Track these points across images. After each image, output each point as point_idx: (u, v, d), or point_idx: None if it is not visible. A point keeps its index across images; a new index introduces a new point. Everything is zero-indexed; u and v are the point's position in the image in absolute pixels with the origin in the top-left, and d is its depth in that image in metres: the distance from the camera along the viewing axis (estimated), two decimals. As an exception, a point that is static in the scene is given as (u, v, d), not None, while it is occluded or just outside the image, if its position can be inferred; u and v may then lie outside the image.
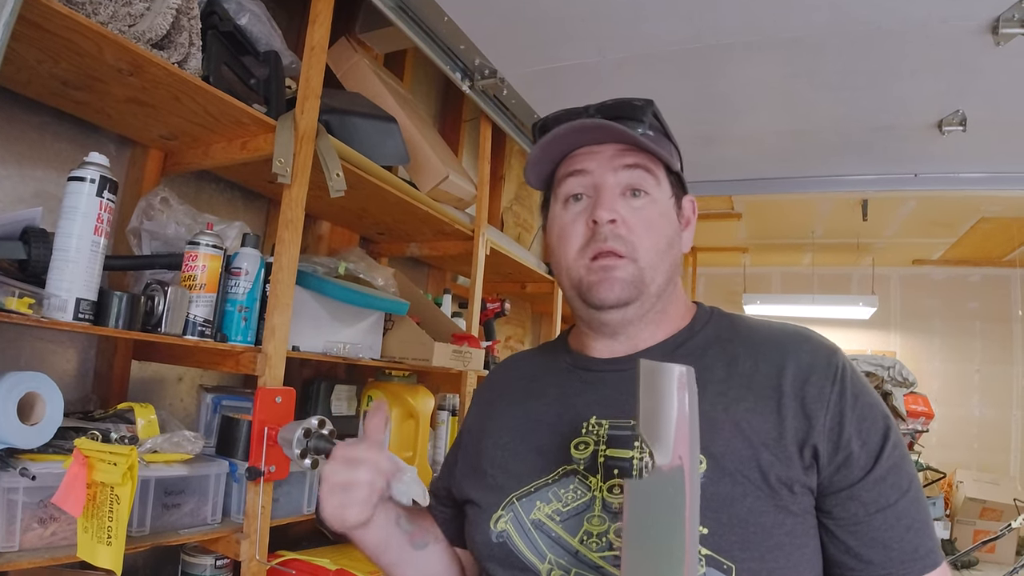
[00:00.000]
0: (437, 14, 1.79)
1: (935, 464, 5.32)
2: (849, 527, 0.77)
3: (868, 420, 0.80)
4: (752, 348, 0.87)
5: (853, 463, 0.77)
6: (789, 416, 0.79)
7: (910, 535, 0.76)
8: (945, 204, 4.55)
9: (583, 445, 0.87)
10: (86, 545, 1.08)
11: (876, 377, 4.69)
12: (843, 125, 2.33)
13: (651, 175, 0.89)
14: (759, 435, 0.78)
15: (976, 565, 4.86)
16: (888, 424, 0.81)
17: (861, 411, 0.80)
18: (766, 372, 0.84)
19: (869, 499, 0.77)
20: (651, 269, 0.88)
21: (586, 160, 0.90)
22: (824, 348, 0.86)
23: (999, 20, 1.59)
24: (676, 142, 0.98)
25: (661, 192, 0.91)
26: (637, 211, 0.88)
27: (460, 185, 2.13)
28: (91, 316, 1.11)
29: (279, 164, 1.41)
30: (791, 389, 0.81)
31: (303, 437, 1.38)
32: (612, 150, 0.89)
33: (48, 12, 1.00)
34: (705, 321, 0.95)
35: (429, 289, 2.90)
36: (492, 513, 0.89)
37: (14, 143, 1.37)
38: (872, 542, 0.76)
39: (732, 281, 6.84)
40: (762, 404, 0.81)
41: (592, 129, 0.88)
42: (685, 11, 1.69)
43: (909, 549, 0.76)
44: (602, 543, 0.79)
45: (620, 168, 0.88)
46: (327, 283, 1.64)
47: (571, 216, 0.91)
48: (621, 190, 0.89)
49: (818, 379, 0.81)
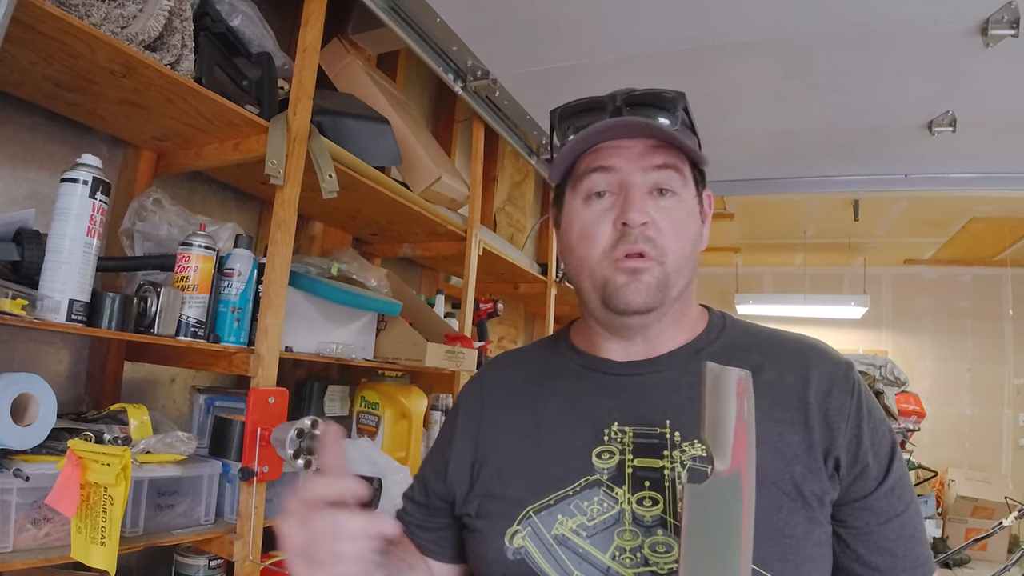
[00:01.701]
0: (429, 15, 1.80)
1: (927, 463, 5.35)
2: (861, 536, 0.79)
3: (879, 433, 0.81)
4: (775, 359, 0.86)
5: (868, 474, 0.79)
6: (816, 428, 0.79)
7: (913, 544, 0.79)
8: (936, 204, 4.58)
9: (607, 454, 0.82)
10: (80, 546, 1.08)
11: (868, 376, 4.70)
12: (834, 126, 2.35)
13: (680, 174, 0.85)
14: (790, 447, 0.78)
15: (968, 563, 4.89)
16: (894, 438, 0.83)
17: (874, 425, 0.81)
18: (791, 384, 0.83)
19: (880, 509, 0.79)
20: (676, 273, 0.84)
21: (613, 156, 0.84)
22: (842, 363, 0.86)
23: (988, 22, 1.61)
24: (699, 135, 0.95)
25: (688, 191, 0.87)
26: (665, 211, 0.83)
27: (453, 186, 2.14)
28: (84, 317, 1.11)
29: (271, 165, 1.41)
30: (815, 401, 0.81)
31: (296, 437, 1.38)
32: (642, 146, 0.84)
33: (41, 14, 1.00)
34: (720, 327, 0.92)
35: (422, 290, 2.91)
36: (506, 528, 0.82)
37: (7, 144, 1.37)
38: (880, 550, 0.78)
39: (724, 281, 6.86)
40: (790, 415, 0.80)
41: (625, 125, 0.83)
42: (678, 13, 1.70)
43: (912, 557, 0.78)
44: (636, 559, 0.75)
45: (650, 168, 0.83)
46: (320, 284, 1.64)
47: (594, 214, 0.85)
48: (649, 189, 0.84)
49: (839, 392, 0.81)
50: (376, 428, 1.98)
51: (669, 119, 0.86)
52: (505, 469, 0.88)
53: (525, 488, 0.84)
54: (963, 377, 6.15)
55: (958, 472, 5.62)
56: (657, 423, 0.82)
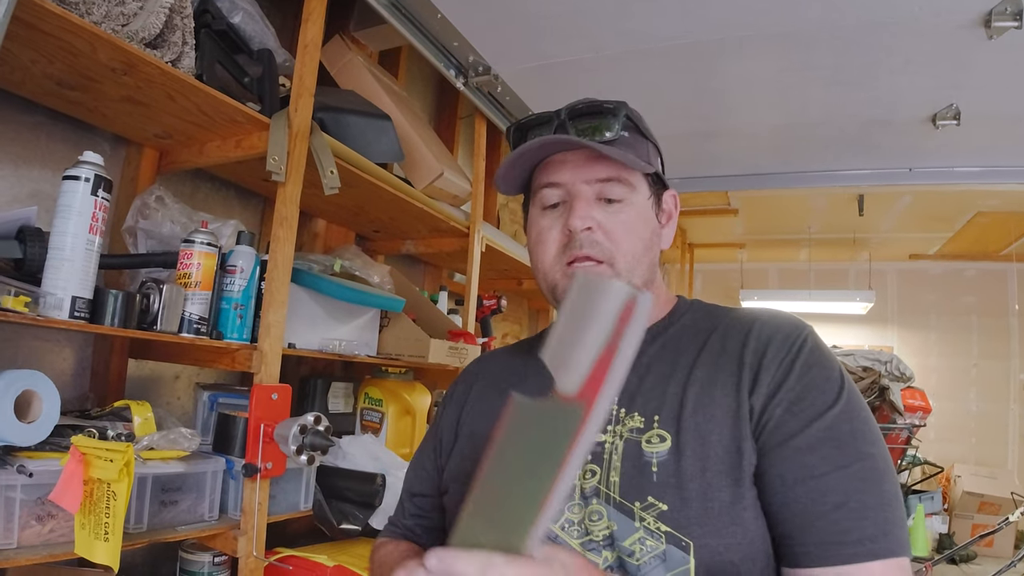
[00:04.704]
0: (431, 11, 1.80)
1: (933, 458, 5.34)
2: (771, 494, 0.74)
3: (814, 390, 0.77)
4: (723, 331, 0.87)
5: (776, 427, 0.75)
6: (745, 386, 0.79)
7: (840, 514, 0.70)
8: (941, 198, 4.55)
9: None
10: (84, 541, 1.09)
11: (873, 372, 4.69)
12: (837, 120, 2.34)
13: (624, 184, 0.88)
14: (720, 409, 0.78)
15: (974, 559, 4.87)
16: (836, 400, 0.76)
17: (809, 380, 0.78)
18: (731, 349, 0.84)
19: (788, 468, 0.73)
20: (628, 272, 0.87)
21: (559, 171, 0.89)
22: (790, 323, 0.85)
23: (991, 13, 1.60)
24: (654, 139, 0.96)
25: (638, 196, 0.90)
26: (613, 215, 0.88)
27: (455, 182, 2.14)
28: (87, 314, 1.11)
29: (273, 162, 1.41)
30: (750, 360, 0.81)
31: (299, 434, 1.39)
32: (584, 157, 0.88)
33: (42, 12, 1.00)
34: (683, 312, 0.95)
35: (425, 286, 2.91)
36: None
37: (9, 143, 1.37)
38: (791, 515, 0.72)
39: (729, 277, 6.85)
40: (723, 378, 0.81)
41: (554, 142, 0.87)
42: (679, 7, 1.69)
43: (836, 531, 0.70)
44: (581, 530, 0.78)
45: (593, 180, 0.88)
46: (323, 280, 1.65)
47: (548, 221, 0.91)
48: (596, 196, 0.88)
49: (775, 347, 0.81)
50: (380, 424, 1.98)
51: (610, 129, 0.90)
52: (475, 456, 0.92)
53: None
54: (969, 372, 6.13)
55: (964, 468, 5.59)
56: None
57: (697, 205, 4.88)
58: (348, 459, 1.71)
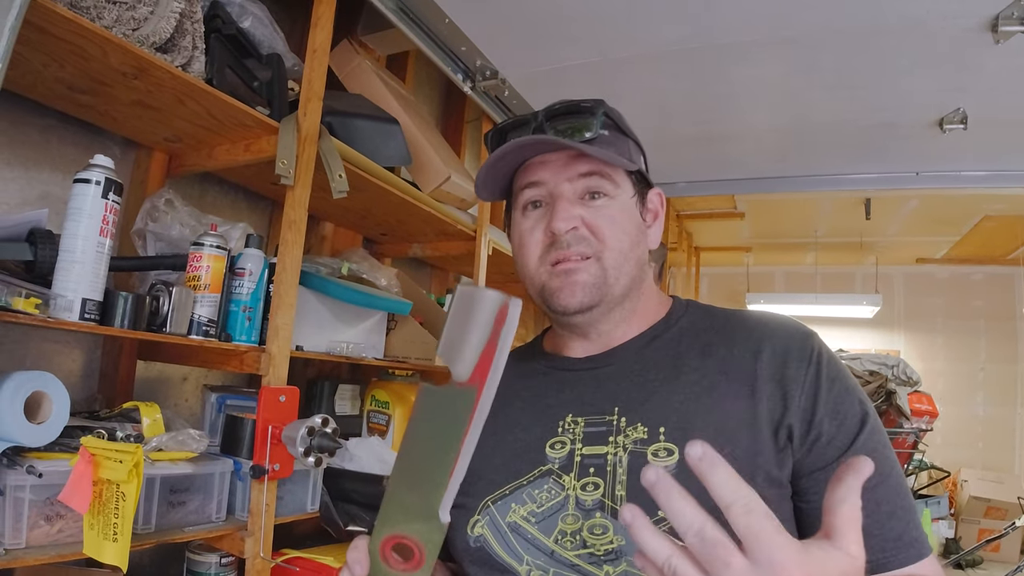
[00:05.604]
0: (438, 16, 1.81)
1: (939, 463, 5.31)
2: None
3: (845, 403, 0.79)
4: (726, 335, 0.87)
5: (827, 444, 0.77)
6: (764, 399, 0.79)
7: (893, 522, 0.74)
8: (948, 202, 4.54)
9: (559, 444, 0.86)
10: (92, 542, 1.09)
11: (880, 376, 4.67)
12: (844, 123, 2.34)
13: (607, 179, 0.88)
14: (732, 420, 0.78)
15: (981, 564, 4.85)
16: (866, 410, 0.80)
17: (838, 394, 0.79)
18: (740, 357, 0.83)
19: None
20: (615, 269, 0.87)
21: (540, 171, 0.89)
22: (800, 332, 0.86)
23: (998, 18, 1.60)
24: (635, 137, 0.95)
25: (621, 191, 0.89)
26: (598, 211, 0.87)
27: (462, 186, 2.14)
28: (97, 316, 1.12)
29: (282, 166, 1.42)
30: (767, 372, 0.81)
31: (307, 435, 1.39)
32: (565, 157, 0.88)
33: (53, 17, 1.01)
34: (681, 313, 0.94)
35: (432, 289, 2.91)
36: (469, 518, 0.87)
37: (20, 146, 1.38)
38: None
39: (735, 281, 6.84)
40: (736, 388, 0.81)
41: (534, 143, 0.86)
42: (685, 11, 1.70)
43: (892, 536, 0.74)
44: (576, 541, 0.78)
45: (576, 177, 0.87)
46: (330, 283, 1.65)
47: (530, 223, 0.90)
48: (579, 194, 0.87)
49: (795, 361, 0.81)
50: (386, 427, 1.98)
51: (589, 128, 0.88)
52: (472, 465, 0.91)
53: (487, 482, 0.88)
54: (976, 377, 6.10)
55: (971, 472, 5.57)
56: (607, 412, 0.86)
57: (704, 209, 4.88)
58: (355, 461, 1.71)
